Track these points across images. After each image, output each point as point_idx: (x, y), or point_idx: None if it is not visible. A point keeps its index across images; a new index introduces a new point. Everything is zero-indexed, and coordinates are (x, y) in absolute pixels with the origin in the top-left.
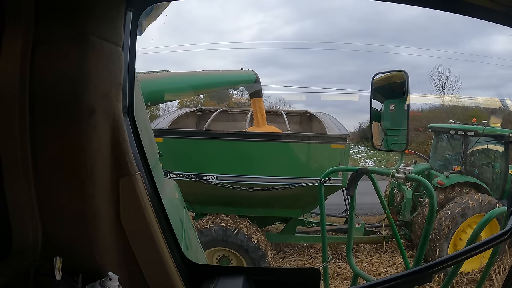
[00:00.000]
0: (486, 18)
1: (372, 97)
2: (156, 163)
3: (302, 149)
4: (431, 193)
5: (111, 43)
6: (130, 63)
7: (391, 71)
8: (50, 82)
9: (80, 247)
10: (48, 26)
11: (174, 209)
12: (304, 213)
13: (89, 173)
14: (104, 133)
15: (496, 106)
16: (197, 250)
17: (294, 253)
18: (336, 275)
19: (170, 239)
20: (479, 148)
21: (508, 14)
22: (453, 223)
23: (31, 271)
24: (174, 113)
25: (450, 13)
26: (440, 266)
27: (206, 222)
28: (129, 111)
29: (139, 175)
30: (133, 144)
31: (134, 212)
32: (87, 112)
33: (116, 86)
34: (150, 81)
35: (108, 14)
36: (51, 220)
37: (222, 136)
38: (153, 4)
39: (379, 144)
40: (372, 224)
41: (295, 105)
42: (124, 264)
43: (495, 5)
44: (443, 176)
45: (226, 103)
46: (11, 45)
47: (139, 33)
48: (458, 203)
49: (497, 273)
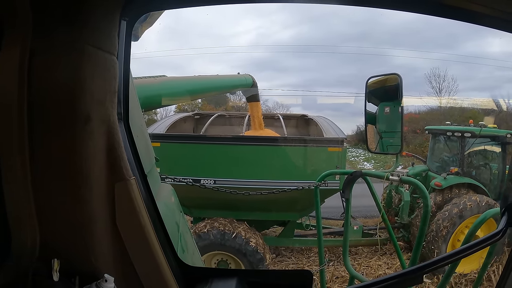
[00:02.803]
0: (481, 23)
1: (367, 100)
2: (152, 168)
3: (299, 153)
4: (425, 194)
5: (106, 52)
6: (124, 71)
7: (385, 74)
8: (47, 90)
9: (76, 250)
10: (44, 35)
11: (170, 213)
12: (302, 217)
13: (85, 178)
14: (99, 139)
15: (492, 107)
16: (194, 253)
17: (293, 257)
18: (334, 277)
19: (164, 242)
20: (476, 149)
21: (502, 19)
22: (451, 225)
23: (30, 273)
24: (171, 118)
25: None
26: (433, 266)
27: (204, 226)
28: (124, 118)
29: (134, 180)
30: (128, 149)
31: (129, 216)
32: (83, 119)
33: (111, 93)
34: (147, 86)
35: (102, 24)
36: (48, 224)
37: (219, 140)
38: (147, 13)
39: (374, 147)
40: (370, 227)
41: (292, 109)
42: (120, 266)
43: (487, 10)
44: (441, 177)
45: (224, 107)
46: (9, 53)
47: (135, 39)
48: (456, 204)
49: (496, 273)
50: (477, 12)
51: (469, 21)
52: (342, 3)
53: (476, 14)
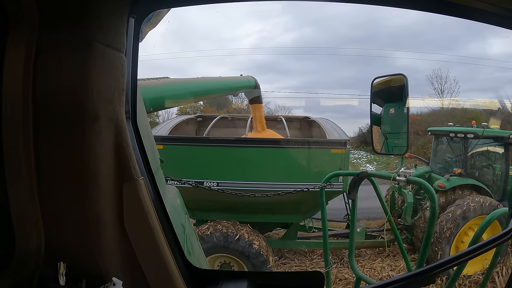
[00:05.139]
0: (483, 21)
1: (372, 101)
2: (158, 169)
3: (302, 155)
4: (432, 195)
5: (114, 49)
6: (132, 69)
7: (391, 75)
8: (54, 88)
9: (83, 252)
10: (51, 33)
11: (176, 215)
12: (305, 219)
13: (93, 178)
14: (107, 138)
15: (495, 108)
16: (199, 255)
17: (296, 259)
18: (338, 280)
19: (173, 244)
20: (479, 150)
21: (504, 16)
22: (455, 226)
23: (35, 276)
24: (174, 120)
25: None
26: (442, 267)
27: (207, 228)
28: (132, 117)
29: (142, 180)
30: (136, 149)
31: (138, 217)
32: (91, 117)
33: (119, 91)
34: (150, 87)
35: (111, 21)
36: (54, 225)
37: (222, 142)
38: (155, 10)
39: (380, 148)
40: (373, 229)
41: (294, 111)
42: (128, 270)
43: (491, 8)
44: (444, 179)
45: (226, 110)
46: (15, 51)
47: (139, 40)
48: (459, 205)
49: (500, 275)
50: (480, 9)
51: (471, 18)
52: (342, 1)
53: (479, 11)
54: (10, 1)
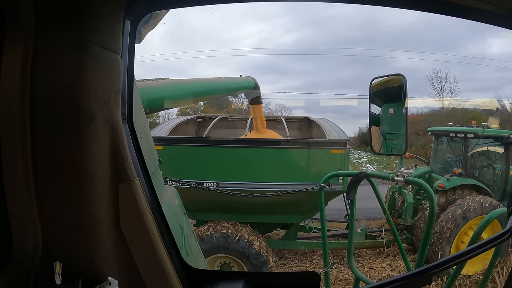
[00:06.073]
0: (483, 21)
1: (371, 101)
2: (155, 170)
3: (302, 155)
4: (431, 195)
5: (110, 51)
6: (128, 70)
7: (389, 75)
8: (50, 89)
9: (79, 252)
10: (48, 34)
11: (174, 216)
12: (305, 219)
13: (89, 179)
14: (103, 140)
15: (495, 108)
16: (198, 256)
17: (296, 259)
18: (338, 280)
19: (169, 245)
20: (479, 150)
21: (504, 16)
22: (455, 226)
23: (32, 276)
24: (174, 121)
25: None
26: (441, 267)
27: (207, 229)
28: (128, 118)
29: (138, 181)
30: (132, 150)
31: (133, 217)
32: (87, 118)
33: (115, 93)
34: (150, 88)
35: (107, 23)
36: (51, 225)
37: (222, 143)
38: (151, 12)
39: (379, 148)
40: (373, 229)
41: (294, 111)
42: (124, 269)
43: (491, 8)
44: (444, 179)
45: (226, 110)
46: (13, 52)
47: (138, 41)
48: (460, 205)
49: (500, 274)
50: (480, 9)
51: (471, 18)
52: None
53: (479, 11)
54: (8, 3)
